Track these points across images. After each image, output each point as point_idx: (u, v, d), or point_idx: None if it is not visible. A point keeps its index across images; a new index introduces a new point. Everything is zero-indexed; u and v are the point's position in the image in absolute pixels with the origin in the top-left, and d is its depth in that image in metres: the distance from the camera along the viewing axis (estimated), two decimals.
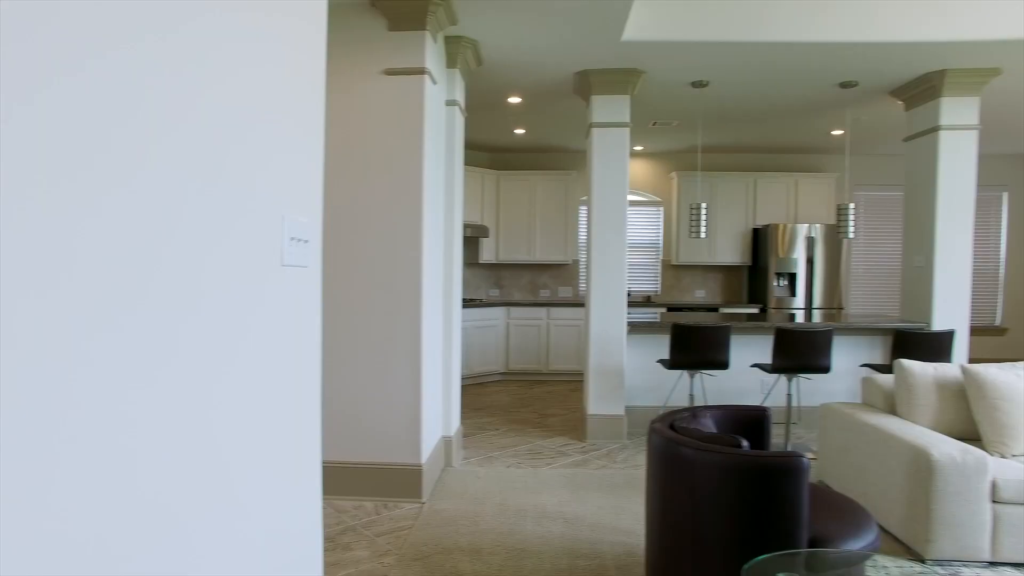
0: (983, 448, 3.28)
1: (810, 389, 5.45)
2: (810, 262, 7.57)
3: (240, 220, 1.25)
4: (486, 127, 7.05)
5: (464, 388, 7.16)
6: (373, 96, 3.71)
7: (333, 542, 3.19)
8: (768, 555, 1.92)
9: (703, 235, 5.50)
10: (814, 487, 2.63)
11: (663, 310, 7.61)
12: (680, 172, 8.09)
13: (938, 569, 2.95)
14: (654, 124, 6.74)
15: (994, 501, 2.98)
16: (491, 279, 8.45)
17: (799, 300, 7.61)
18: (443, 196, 4.33)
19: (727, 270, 8.37)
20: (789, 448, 4.75)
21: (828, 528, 2.31)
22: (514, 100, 5.91)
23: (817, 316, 7.47)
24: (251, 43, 1.30)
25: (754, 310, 7.75)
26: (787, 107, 6.05)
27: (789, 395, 4.80)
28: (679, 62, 4.80)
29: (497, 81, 5.30)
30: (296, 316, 1.57)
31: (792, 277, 7.58)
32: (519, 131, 7.21)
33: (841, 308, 7.75)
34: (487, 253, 8.03)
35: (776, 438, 5.04)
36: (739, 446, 2.17)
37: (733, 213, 7.98)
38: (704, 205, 5.53)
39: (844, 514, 2.45)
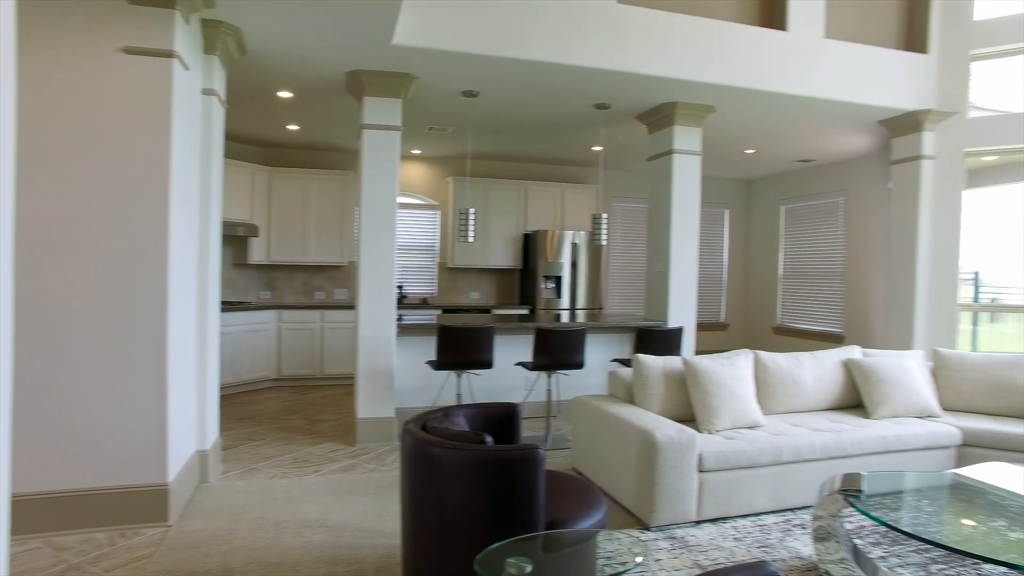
0: (696, 427, 3.87)
1: (569, 384, 5.94)
2: (574, 266, 8.25)
3: None
4: (256, 121, 6.64)
5: (230, 397, 6.68)
6: (111, 77, 3.30)
7: None
8: (499, 543, 2.07)
9: (471, 239, 5.73)
10: (554, 474, 2.89)
11: (439, 312, 7.79)
12: (456, 177, 8.34)
13: (658, 533, 3.40)
14: (430, 129, 6.87)
15: (700, 471, 3.52)
16: (262, 280, 7.97)
17: (565, 301, 8.26)
18: (198, 191, 4.01)
19: (500, 273, 8.80)
20: (550, 441, 5.14)
21: (565, 511, 2.54)
22: (284, 94, 5.65)
23: (581, 316, 8.15)
24: None
25: (525, 311, 8.25)
26: (552, 122, 6.54)
27: (549, 391, 5.19)
28: (450, 71, 4.95)
29: (265, 73, 5.03)
30: None
31: (559, 280, 8.20)
32: (292, 127, 6.91)
33: (601, 308, 8.56)
34: (257, 253, 7.57)
35: (539, 431, 5.43)
36: (483, 442, 2.31)
37: (506, 218, 8.42)
38: (472, 210, 5.77)
39: (579, 496, 2.72)
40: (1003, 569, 2.97)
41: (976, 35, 5.89)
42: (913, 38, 6.02)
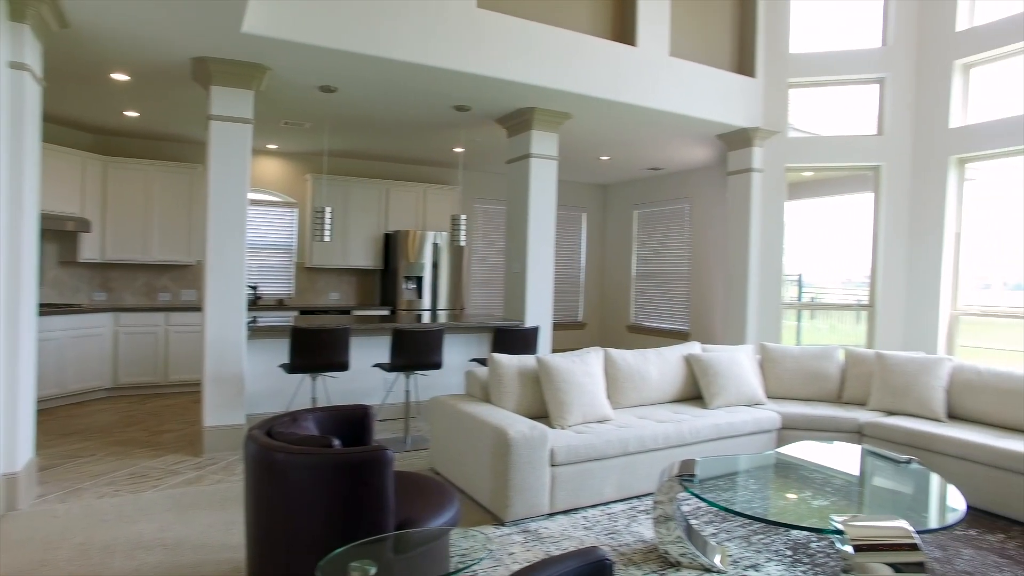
0: (549, 423, 4.01)
1: (428, 384, 5.93)
2: (435, 267, 8.25)
3: None
4: (87, 104, 6.03)
5: (53, 410, 6.03)
6: None
7: None
8: (343, 548, 2.04)
9: (327, 238, 5.57)
10: (407, 475, 2.88)
11: (296, 313, 7.50)
12: (315, 175, 8.06)
13: (513, 528, 3.49)
14: (285, 124, 6.59)
15: (552, 465, 3.65)
16: (96, 280, 7.25)
17: (426, 302, 8.23)
18: (7, 178, 3.57)
19: (361, 273, 8.61)
20: (409, 442, 5.11)
21: (416, 511, 2.54)
22: (120, 77, 5.17)
23: (442, 317, 8.17)
24: None
25: (385, 312, 8.13)
26: (413, 121, 6.50)
27: (408, 391, 5.16)
28: (305, 64, 4.78)
29: (94, 51, 4.58)
30: None
31: (420, 280, 8.17)
32: (131, 113, 6.34)
33: (462, 309, 8.62)
34: (89, 250, 6.87)
35: (398, 433, 5.38)
36: (330, 445, 2.25)
37: (367, 218, 8.26)
38: (329, 209, 5.61)
39: (432, 496, 2.73)
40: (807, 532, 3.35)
41: (792, 66, 6.58)
42: (744, 63, 6.63)
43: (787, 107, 6.62)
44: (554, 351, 6.24)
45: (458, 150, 7.79)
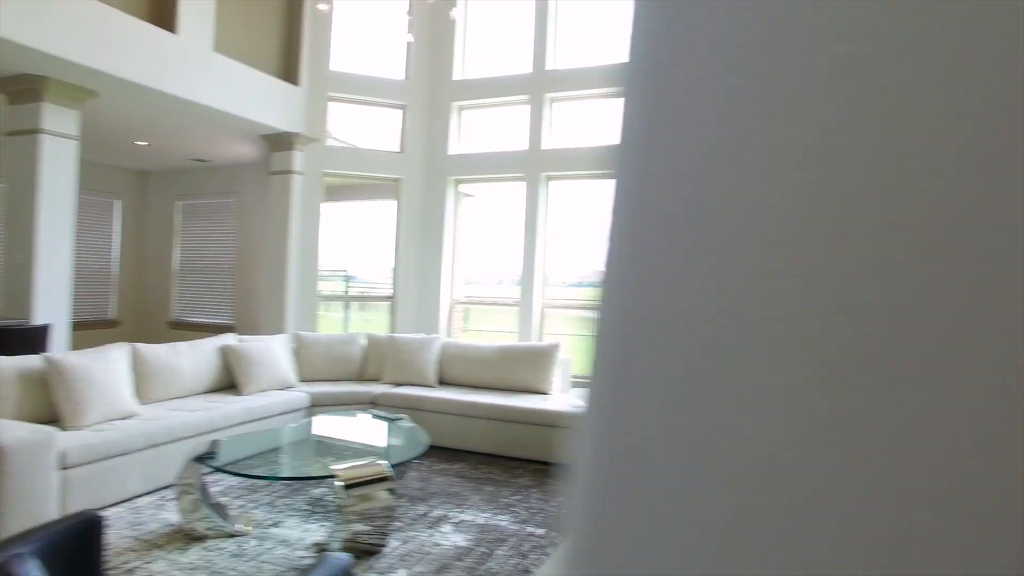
0: (63, 427, 3.74)
1: None
2: None
3: None
4: None
5: None
6: None
7: None
8: None
9: None
10: None
11: None
12: None
13: None
14: None
15: (64, 468, 3.45)
16: None
17: None
18: None
19: None
20: None
21: None
22: None
23: None
24: None
25: None
26: None
27: None
28: None
29: None
30: None
31: None
32: None
33: None
34: None
35: None
36: None
37: None
38: None
39: None
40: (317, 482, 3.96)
41: (333, 82, 7.31)
42: (289, 71, 7.06)
43: (326, 117, 7.30)
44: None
45: None
